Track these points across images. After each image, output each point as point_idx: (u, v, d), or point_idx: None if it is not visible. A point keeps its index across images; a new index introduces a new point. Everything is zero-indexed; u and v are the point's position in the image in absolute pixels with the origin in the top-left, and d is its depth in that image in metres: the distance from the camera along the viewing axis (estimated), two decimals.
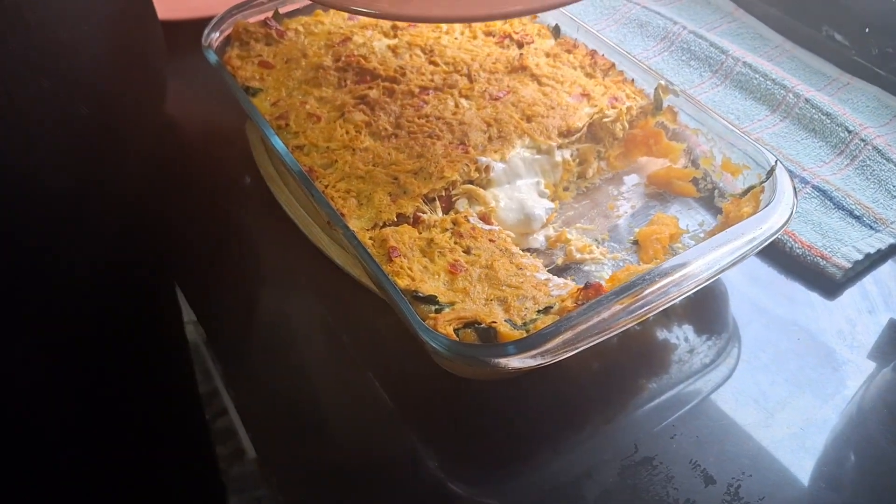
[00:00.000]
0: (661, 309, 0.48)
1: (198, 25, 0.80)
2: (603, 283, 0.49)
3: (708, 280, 0.49)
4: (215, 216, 0.68)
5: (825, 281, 0.59)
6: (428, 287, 0.50)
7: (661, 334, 0.57)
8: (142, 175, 0.62)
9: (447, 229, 0.54)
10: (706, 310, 0.58)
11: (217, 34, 0.70)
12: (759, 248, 0.50)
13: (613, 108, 0.63)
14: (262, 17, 0.73)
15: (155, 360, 0.69)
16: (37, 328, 0.52)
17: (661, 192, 0.63)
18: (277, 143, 0.59)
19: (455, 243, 0.53)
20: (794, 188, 0.53)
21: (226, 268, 0.64)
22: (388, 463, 0.50)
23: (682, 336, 0.56)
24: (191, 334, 0.94)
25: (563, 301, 0.49)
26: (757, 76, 0.72)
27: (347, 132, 0.62)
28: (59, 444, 0.57)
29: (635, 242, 0.58)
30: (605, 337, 0.46)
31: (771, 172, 0.55)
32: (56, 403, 0.57)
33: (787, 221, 0.51)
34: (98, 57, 0.51)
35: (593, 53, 0.67)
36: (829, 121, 0.68)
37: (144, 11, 0.62)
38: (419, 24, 0.72)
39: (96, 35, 0.51)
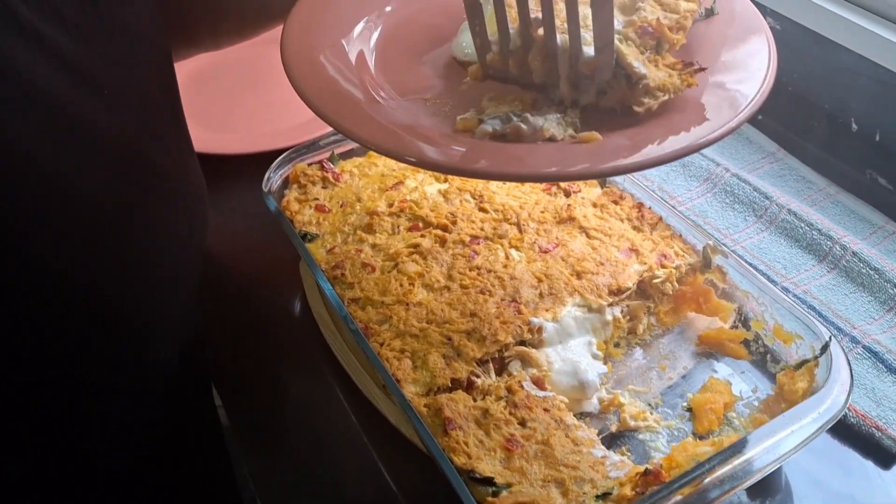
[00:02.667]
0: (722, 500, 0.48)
1: (235, 161, 0.84)
2: (660, 462, 0.50)
3: (768, 471, 0.48)
4: (265, 354, 0.69)
5: (881, 452, 0.58)
6: (484, 467, 0.50)
7: None
8: (187, 315, 0.63)
9: (501, 397, 0.55)
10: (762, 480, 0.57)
11: (276, 178, 0.72)
12: (816, 436, 0.50)
13: (663, 267, 0.63)
14: (318, 157, 0.75)
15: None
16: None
17: (712, 351, 0.63)
18: (334, 297, 0.61)
19: (510, 414, 0.54)
20: (850, 366, 0.54)
21: (271, 398, 0.65)
22: None
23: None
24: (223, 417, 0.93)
25: (621, 485, 0.49)
26: (802, 225, 0.73)
27: (402, 284, 0.63)
28: None
29: (689, 409, 0.58)
30: None
31: (825, 348, 0.55)
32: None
33: (844, 405, 0.51)
34: (134, 194, 0.52)
35: (640, 206, 0.69)
36: (877, 276, 0.68)
37: (183, 149, 0.63)
38: None
39: (129, 178, 0.52)
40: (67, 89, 0.43)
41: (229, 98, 0.97)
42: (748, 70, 0.49)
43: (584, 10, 0.51)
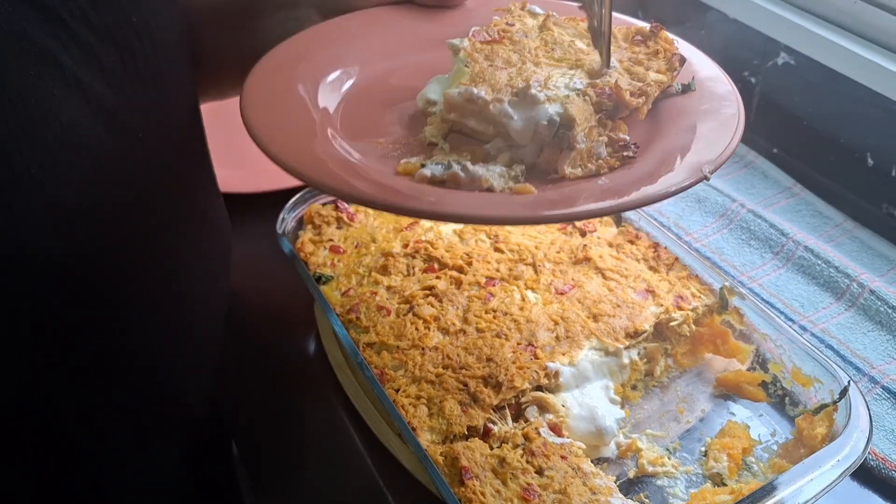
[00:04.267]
0: None
1: (249, 198, 0.84)
2: None
3: None
4: (280, 397, 0.69)
5: None
6: None
7: None
8: (212, 357, 0.63)
9: (518, 445, 0.55)
10: None
11: (290, 218, 0.72)
12: (837, 483, 0.50)
13: (680, 309, 0.63)
14: (333, 197, 0.75)
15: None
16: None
17: (729, 393, 0.62)
18: (349, 342, 0.61)
19: (527, 462, 0.53)
20: (869, 411, 0.53)
21: (286, 442, 0.65)
22: None
23: None
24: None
25: None
26: (819, 262, 0.73)
27: (417, 328, 0.63)
28: None
29: (707, 454, 0.58)
30: None
31: (844, 393, 0.55)
32: None
33: (864, 451, 0.51)
34: (163, 237, 0.53)
35: (656, 246, 0.69)
36: (895, 314, 0.67)
37: (210, 191, 0.63)
38: None
39: (159, 222, 0.52)
40: (104, 136, 0.44)
41: (244, 135, 0.98)
42: (702, 143, 0.47)
43: (550, 72, 0.51)
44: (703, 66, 0.55)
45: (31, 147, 0.39)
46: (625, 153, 0.47)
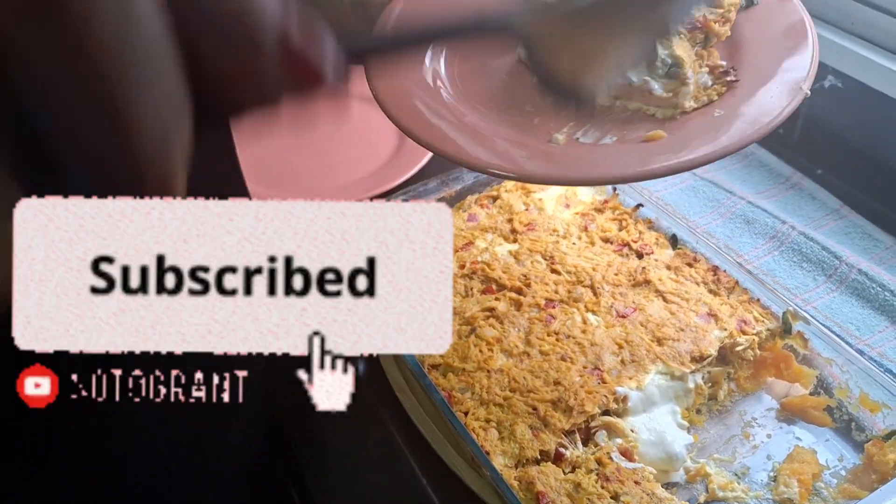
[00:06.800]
0: None
1: None
2: None
3: None
4: (335, 422, 0.69)
5: None
6: None
7: None
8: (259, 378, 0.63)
9: (592, 470, 0.55)
10: None
11: None
12: None
13: (744, 333, 0.63)
14: None
15: None
16: None
17: (793, 417, 0.63)
18: (415, 364, 0.61)
19: (602, 487, 0.54)
20: None
21: (339, 465, 0.65)
22: None
23: None
24: None
25: None
26: (874, 285, 0.73)
27: (481, 350, 0.63)
28: None
29: (775, 479, 0.58)
30: None
31: None
32: None
33: None
34: None
35: (715, 269, 0.69)
36: None
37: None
38: (537, 229, 0.75)
39: None
40: None
41: (285, 154, 0.98)
42: (788, 66, 0.52)
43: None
44: None
45: None
46: (727, 78, 0.53)
